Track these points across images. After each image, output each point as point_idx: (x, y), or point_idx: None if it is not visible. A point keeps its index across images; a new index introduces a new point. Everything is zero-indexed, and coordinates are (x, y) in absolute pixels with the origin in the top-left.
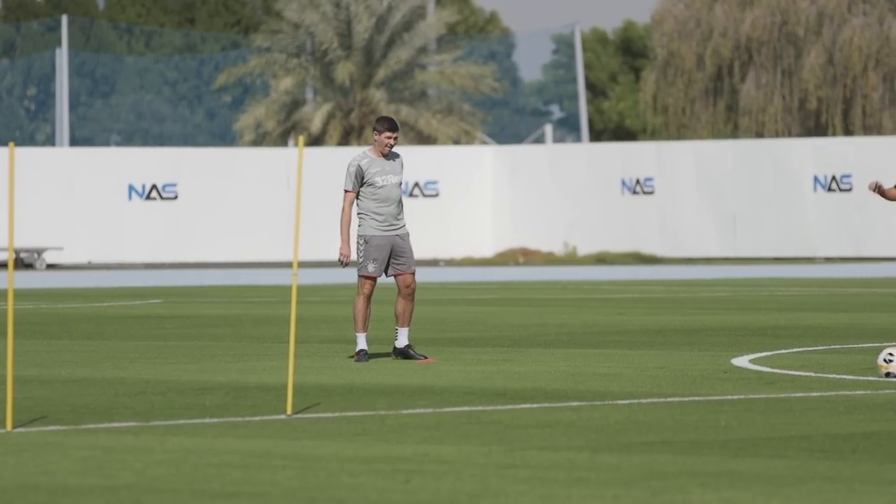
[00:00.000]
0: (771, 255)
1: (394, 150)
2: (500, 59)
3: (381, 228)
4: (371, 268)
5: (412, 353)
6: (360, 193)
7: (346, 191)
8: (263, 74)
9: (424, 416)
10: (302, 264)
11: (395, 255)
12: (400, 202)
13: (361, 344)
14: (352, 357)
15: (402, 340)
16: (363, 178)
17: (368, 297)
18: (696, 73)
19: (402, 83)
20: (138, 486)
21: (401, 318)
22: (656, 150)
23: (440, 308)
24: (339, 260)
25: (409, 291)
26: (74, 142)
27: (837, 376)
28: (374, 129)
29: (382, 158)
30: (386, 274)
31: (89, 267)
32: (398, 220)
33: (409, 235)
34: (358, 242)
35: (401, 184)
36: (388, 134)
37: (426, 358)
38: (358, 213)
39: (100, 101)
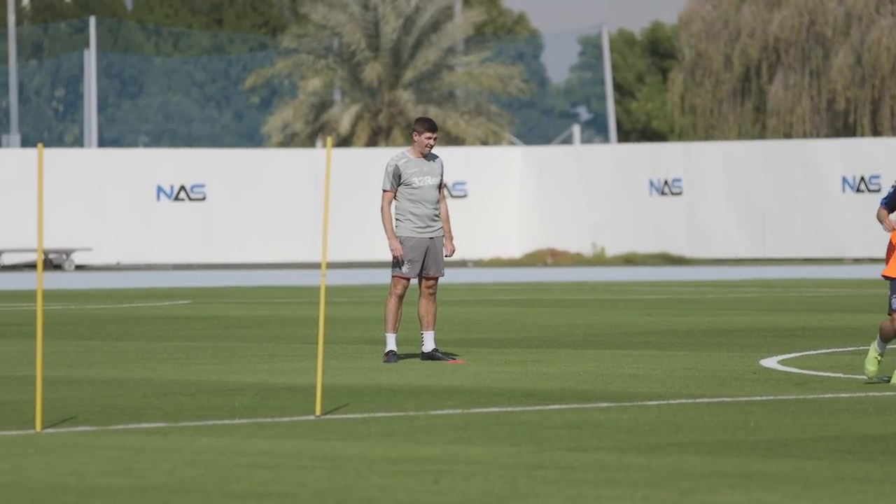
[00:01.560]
0: (799, 255)
1: (433, 151)
2: (527, 60)
3: (417, 230)
4: (405, 269)
5: (439, 355)
6: (397, 194)
7: (384, 190)
8: (291, 75)
9: (453, 416)
10: (330, 265)
11: (428, 257)
12: (437, 203)
13: (391, 345)
14: (381, 358)
15: (428, 345)
16: (400, 177)
17: (401, 298)
18: (723, 73)
19: (429, 84)
20: (167, 486)
21: (424, 320)
22: (684, 150)
23: (469, 309)
24: (395, 257)
25: (429, 292)
26: (102, 143)
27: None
28: (414, 130)
29: (421, 159)
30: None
31: (118, 268)
32: (434, 221)
33: (443, 239)
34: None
35: (440, 185)
36: (428, 135)
37: (455, 359)
38: (395, 214)
39: (128, 102)
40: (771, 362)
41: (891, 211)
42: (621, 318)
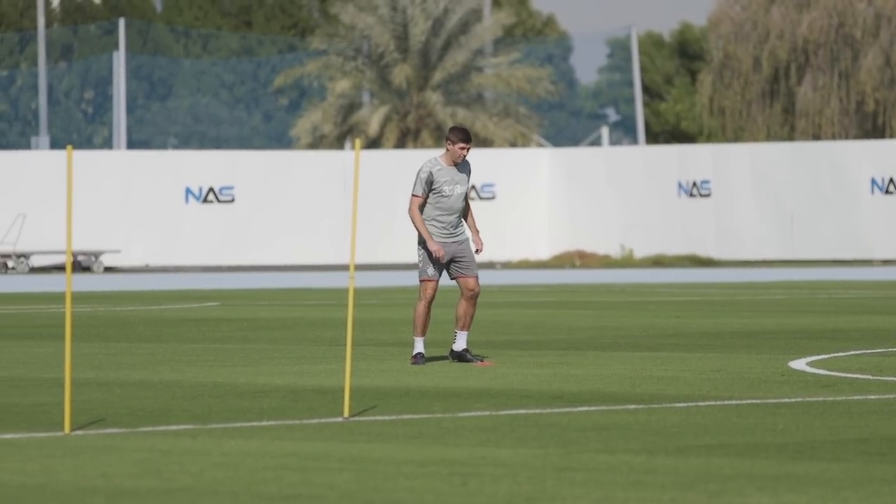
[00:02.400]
0: (828, 257)
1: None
2: (556, 62)
3: (441, 235)
4: (430, 271)
5: (469, 356)
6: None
7: (414, 195)
8: (320, 77)
9: (481, 418)
10: (358, 267)
11: (455, 259)
12: (461, 212)
13: (419, 347)
14: (409, 360)
15: (459, 343)
16: (432, 184)
17: (430, 302)
18: (752, 75)
19: (458, 86)
20: (195, 488)
21: (461, 320)
22: (713, 152)
23: (497, 311)
24: (438, 258)
25: (472, 294)
26: (131, 144)
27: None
28: (447, 139)
29: (453, 168)
30: (449, 275)
31: (146, 270)
32: (458, 228)
33: (468, 241)
34: (418, 247)
35: (467, 193)
36: (462, 145)
37: (483, 361)
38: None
39: (157, 104)
40: (799, 364)
41: None
42: (650, 320)
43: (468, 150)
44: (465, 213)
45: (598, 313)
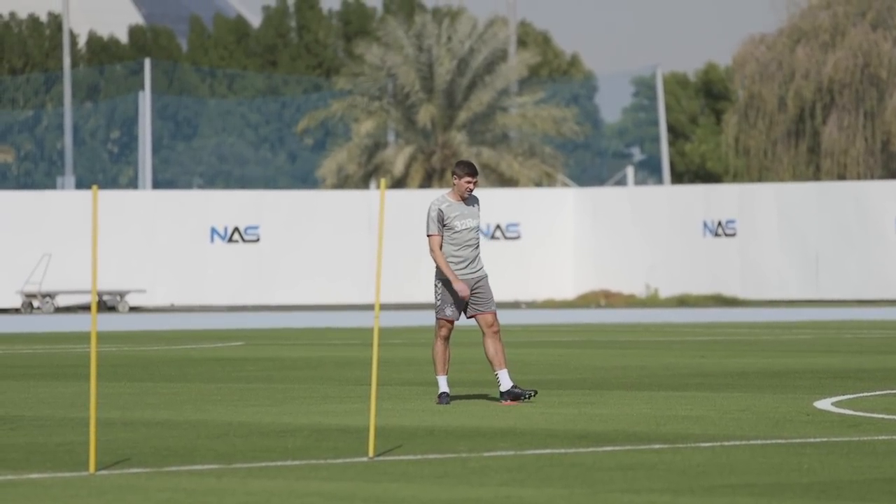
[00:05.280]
0: (853, 297)
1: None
2: (581, 102)
3: (461, 272)
4: (448, 311)
5: (520, 390)
6: None
7: (429, 235)
8: (345, 118)
9: (506, 458)
10: (383, 307)
11: (472, 294)
12: (477, 245)
13: (443, 387)
14: (435, 400)
15: (504, 384)
16: (444, 221)
17: (446, 340)
18: (777, 115)
19: (483, 125)
20: None
21: (495, 360)
22: (738, 192)
23: (522, 350)
24: (463, 298)
25: (492, 331)
26: (157, 184)
27: None
28: (454, 174)
29: (461, 202)
30: (466, 315)
31: (171, 309)
32: (475, 263)
33: (487, 278)
34: (435, 286)
35: (478, 227)
36: (468, 179)
37: (535, 393)
38: None
39: (182, 144)
40: (825, 404)
41: None
42: (674, 360)
43: (475, 183)
44: (478, 245)
45: (623, 353)
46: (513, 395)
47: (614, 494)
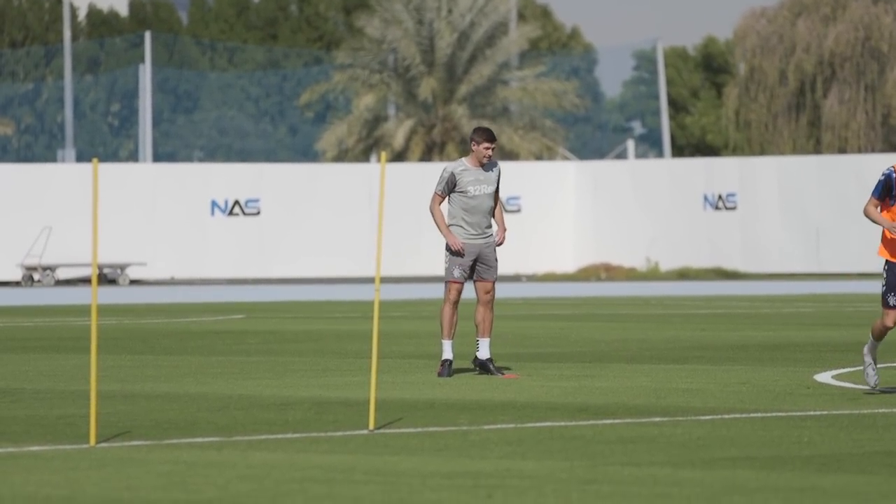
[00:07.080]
0: (854, 270)
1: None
2: (581, 75)
3: (469, 236)
4: (457, 273)
5: (492, 367)
6: (452, 199)
7: (435, 192)
8: (346, 91)
9: (506, 431)
10: (384, 280)
11: (479, 260)
12: (491, 212)
13: (447, 352)
14: (435, 371)
15: (483, 352)
16: (454, 185)
17: (455, 304)
18: (778, 88)
19: (483, 99)
20: (221, 500)
21: (480, 327)
22: (739, 165)
23: (522, 323)
24: (457, 252)
25: (487, 299)
26: (157, 158)
27: None
28: (472, 140)
29: (479, 168)
30: (472, 279)
31: (172, 282)
32: (487, 229)
33: (495, 244)
34: (446, 249)
35: (495, 193)
36: (487, 144)
37: (505, 374)
38: (447, 219)
39: (183, 117)
40: (825, 377)
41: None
42: (675, 333)
43: (493, 149)
44: (493, 211)
45: (624, 326)
46: (483, 367)
47: (614, 467)
